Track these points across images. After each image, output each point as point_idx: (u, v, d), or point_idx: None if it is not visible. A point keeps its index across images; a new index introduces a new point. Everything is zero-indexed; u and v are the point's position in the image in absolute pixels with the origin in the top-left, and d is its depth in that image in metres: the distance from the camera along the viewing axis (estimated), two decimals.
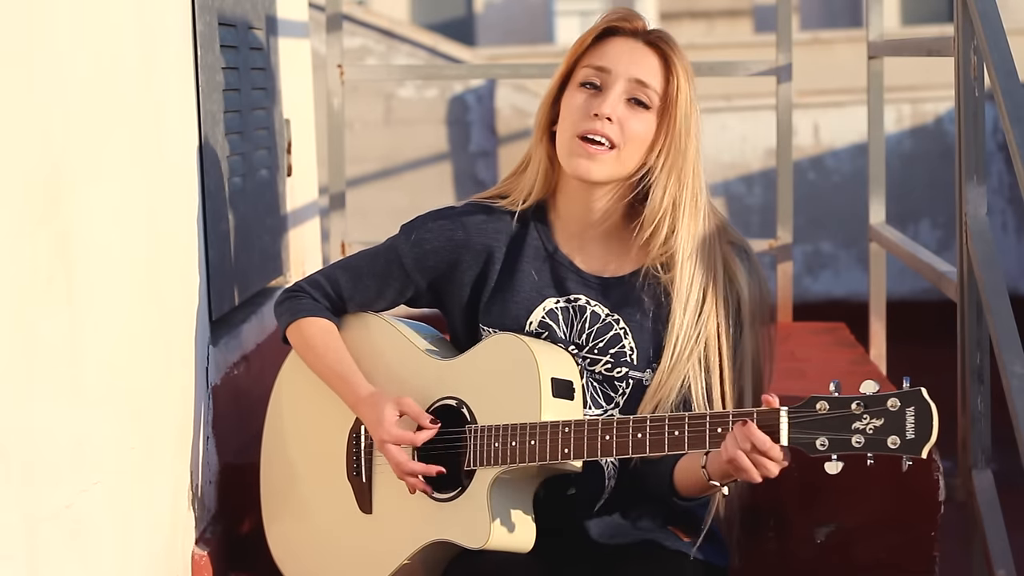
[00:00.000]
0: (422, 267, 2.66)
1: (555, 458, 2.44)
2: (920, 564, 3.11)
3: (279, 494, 2.81)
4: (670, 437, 2.36)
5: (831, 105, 10.18)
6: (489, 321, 2.61)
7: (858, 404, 2.24)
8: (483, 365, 2.56)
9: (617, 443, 2.40)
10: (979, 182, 3.14)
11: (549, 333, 2.59)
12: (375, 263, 2.70)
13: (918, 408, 2.22)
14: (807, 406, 2.27)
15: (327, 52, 4.30)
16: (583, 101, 2.53)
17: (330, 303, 2.72)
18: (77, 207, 2.34)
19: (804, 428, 2.27)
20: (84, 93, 2.40)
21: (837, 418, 2.25)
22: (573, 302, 2.60)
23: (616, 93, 2.52)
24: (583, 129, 2.52)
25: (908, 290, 8.68)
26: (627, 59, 2.54)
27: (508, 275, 2.62)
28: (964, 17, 3.14)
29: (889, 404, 2.23)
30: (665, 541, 2.59)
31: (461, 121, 10.39)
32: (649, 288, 2.58)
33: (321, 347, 2.68)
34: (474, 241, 2.63)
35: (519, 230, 2.64)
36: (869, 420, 2.23)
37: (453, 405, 2.57)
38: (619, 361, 2.57)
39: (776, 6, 4.34)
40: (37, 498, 2.16)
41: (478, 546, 2.48)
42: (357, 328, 2.72)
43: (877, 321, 4.17)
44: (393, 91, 10.31)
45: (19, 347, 2.11)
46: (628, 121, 2.52)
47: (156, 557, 2.67)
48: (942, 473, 3.09)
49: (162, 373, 2.74)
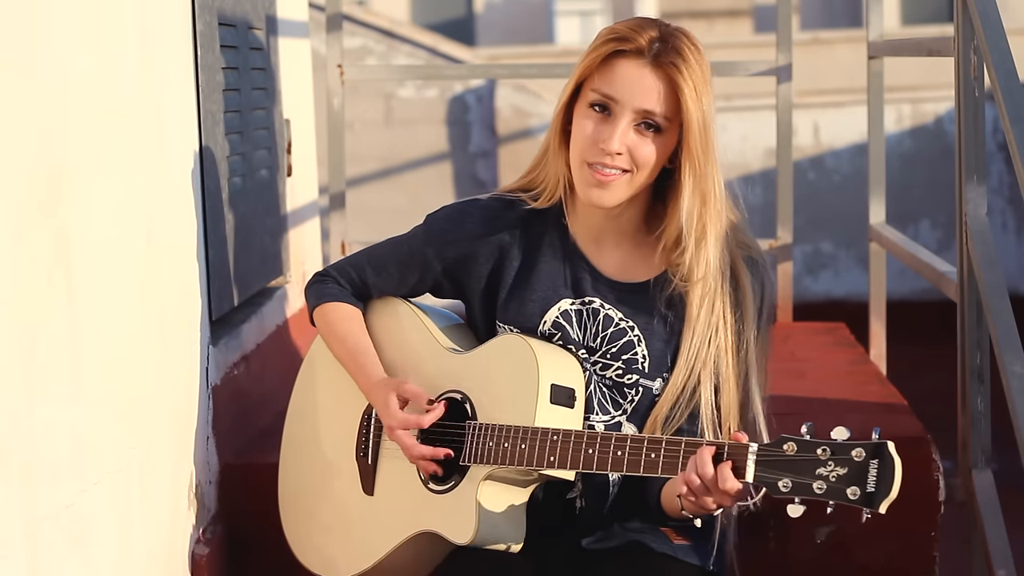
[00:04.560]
0: (441, 258, 2.67)
1: (541, 465, 2.45)
2: (920, 564, 3.11)
3: (295, 467, 2.85)
4: (646, 459, 2.37)
5: (831, 105, 10.18)
6: (506, 318, 2.61)
7: (824, 450, 2.20)
8: (489, 363, 2.57)
9: (598, 458, 2.41)
10: (979, 182, 3.14)
11: (562, 334, 2.58)
12: (398, 251, 2.72)
13: (882, 461, 2.18)
14: (776, 445, 2.25)
15: (327, 52, 4.30)
16: (592, 129, 2.49)
17: (354, 289, 2.76)
18: (77, 207, 2.34)
19: (769, 467, 2.25)
20: (84, 93, 2.40)
21: (803, 461, 2.21)
22: (588, 304, 2.59)
23: (624, 125, 2.47)
24: (593, 159, 2.49)
25: (908, 290, 8.67)
26: (632, 88, 2.47)
27: (526, 273, 2.61)
28: (964, 17, 3.14)
29: (854, 454, 2.19)
30: (652, 543, 2.58)
31: (461, 121, 10.39)
32: (665, 296, 2.56)
33: (341, 332, 2.72)
34: (491, 236, 2.63)
35: (539, 227, 2.63)
36: (833, 467, 2.20)
37: (458, 399, 2.59)
38: (630, 368, 2.56)
39: (776, 6, 4.34)
40: (37, 498, 2.16)
41: (462, 542, 2.49)
42: (384, 313, 2.76)
43: (877, 321, 4.17)
44: (393, 91, 10.31)
45: (19, 347, 2.11)
46: (638, 148, 2.48)
47: (156, 557, 2.67)
48: (942, 473, 3.09)
49: (162, 373, 2.74)
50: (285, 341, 3.79)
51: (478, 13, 19.78)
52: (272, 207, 3.73)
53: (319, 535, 2.79)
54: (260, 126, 3.62)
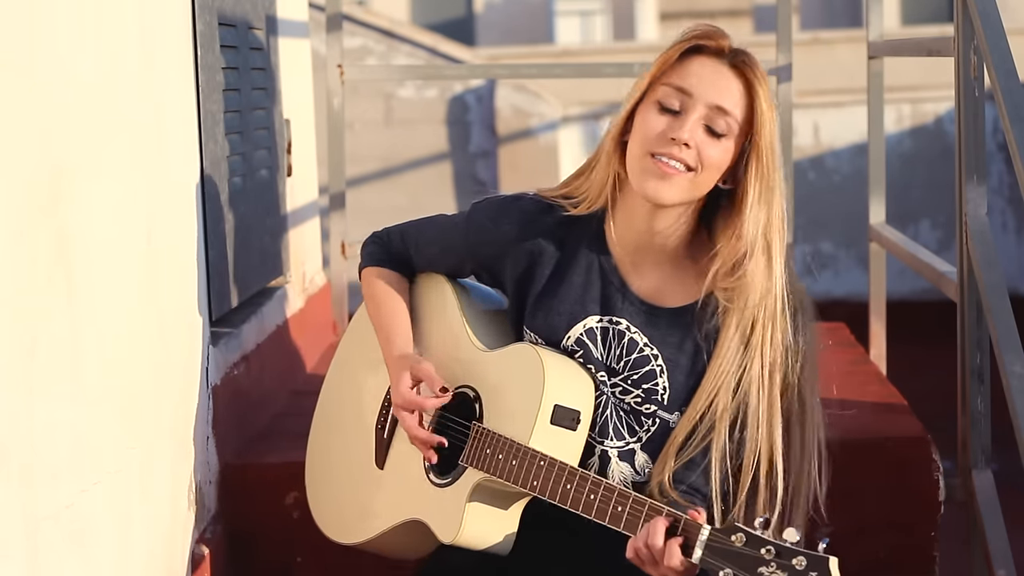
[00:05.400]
0: (474, 252, 2.65)
1: (525, 486, 2.44)
2: (920, 564, 3.11)
3: (325, 423, 2.86)
4: (612, 511, 2.36)
5: (831, 105, 10.19)
6: (533, 326, 2.57)
7: (768, 550, 2.19)
8: (503, 370, 2.55)
9: (572, 496, 2.40)
10: (979, 182, 3.14)
11: (584, 352, 2.53)
12: (443, 238, 2.71)
13: (820, 575, 2.17)
14: (726, 533, 2.23)
15: (327, 52, 4.30)
16: (661, 124, 2.44)
17: (402, 259, 2.75)
18: (77, 207, 2.34)
19: (715, 554, 2.23)
20: (84, 93, 2.40)
21: (747, 556, 2.20)
22: (615, 324, 2.53)
23: (695, 118, 2.43)
24: (659, 150, 2.43)
25: (908, 290, 8.67)
26: (709, 82, 2.44)
27: (555, 282, 2.56)
28: (964, 17, 3.14)
29: (795, 562, 2.18)
30: None
31: (461, 121, 10.39)
32: (703, 324, 2.48)
33: (380, 298, 2.72)
34: (525, 240, 2.58)
35: (575, 237, 2.57)
36: (775, 569, 2.18)
37: (471, 396, 2.58)
38: (649, 398, 2.51)
39: (776, 6, 4.34)
40: (37, 498, 2.16)
41: (446, 540, 2.50)
42: (430, 289, 2.75)
43: (877, 321, 4.17)
44: (393, 91, 10.31)
45: (19, 347, 2.11)
46: (706, 148, 2.43)
47: (156, 557, 2.67)
48: (942, 473, 3.09)
49: (162, 373, 2.74)
50: (285, 341, 3.79)
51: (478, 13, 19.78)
52: (272, 207, 3.73)
53: (330, 494, 2.80)
54: (260, 126, 3.62)
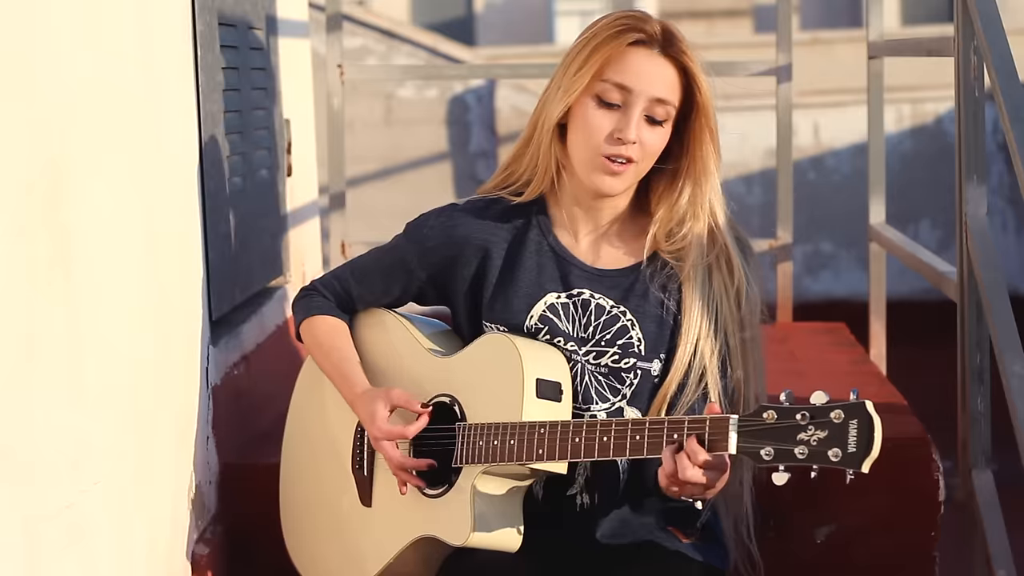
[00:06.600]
0: (424, 264, 2.68)
1: (531, 458, 2.45)
2: (920, 564, 3.10)
3: (295, 481, 2.86)
4: (631, 441, 2.37)
5: (831, 105, 10.19)
6: (492, 317, 2.62)
7: (803, 415, 2.20)
8: (474, 364, 2.58)
9: (585, 446, 2.41)
10: (979, 182, 3.14)
11: (550, 327, 2.59)
12: (381, 261, 2.74)
13: (861, 421, 2.17)
14: (755, 415, 2.25)
15: (327, 52, 4.30)
16: (606, 123, 2.52)
17: (339, 301, 2.77)
18: (77, 207, 2.34)
19: (751, 437, 2.24)
20: (84, 93, 2.40)
21: (783, 428, 2.21)
22: (576, 296, 2.60)
23: (637, 113, 2.51)
24: (609, 152, 2.52)
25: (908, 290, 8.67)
26: (648, 77, 2.52)
27: (509, 270, 2.62)
28: (964, 17, 3.14)
29: (832, 416, 2.19)
30: (664, 542, 2.58)
31: (461, 121, 10.39)
32: (655, 278, 2.59)
33: (326, 345, 2.73)
34: (473, 237, 2.64)
35: (520, 224, 2.65)
36: (813, 432, 2.19)
37: (447, 402, 2.59)
38: (627, 352, 2.57)
39: (776, 6, 4.34)
40: (37, 498, 2.16)
41: (459, 543, 2.50)
42: (370, 325, 2.77)
43: (877, 321, 4.17)
44: (393, 91, 10.32)
45: (19, 347, 2.11)
46: (648, 138, 2.53)
47: (156, 557, 2.67)
48: (942, 473, 3.09)
49: (162, 373, 2.74)
50: (285, 341, 3.79)
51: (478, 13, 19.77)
52: (272, 207, 3.73)
53: (319, 548, 2.79)
54: (260, 126, 3.62)
